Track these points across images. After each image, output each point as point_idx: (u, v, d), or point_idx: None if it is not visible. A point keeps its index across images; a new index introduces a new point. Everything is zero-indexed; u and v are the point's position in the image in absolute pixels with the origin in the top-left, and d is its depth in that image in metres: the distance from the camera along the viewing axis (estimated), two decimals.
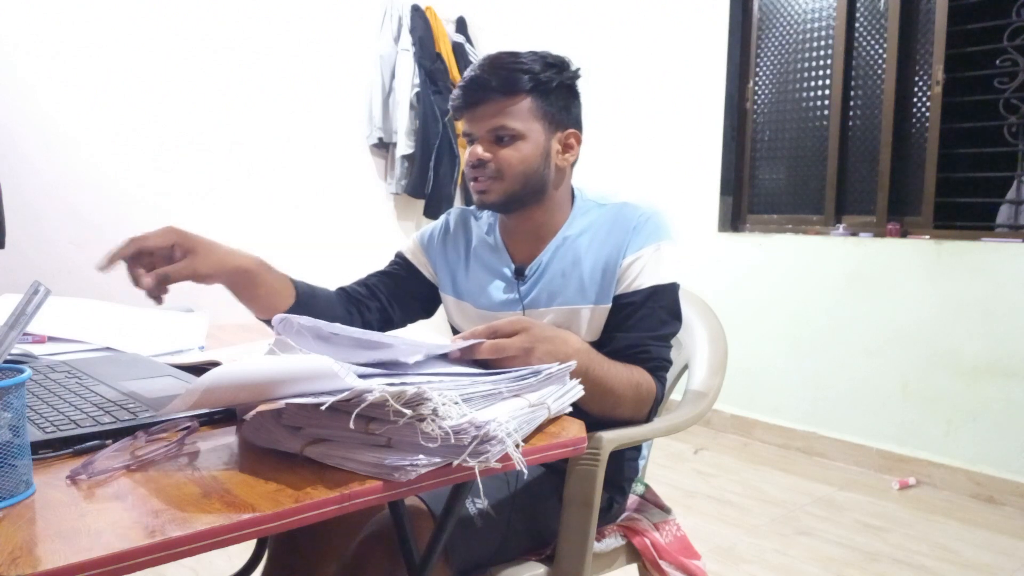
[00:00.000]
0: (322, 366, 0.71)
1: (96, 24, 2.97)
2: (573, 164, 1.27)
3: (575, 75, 1.24)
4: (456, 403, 0.72)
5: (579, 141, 1.27)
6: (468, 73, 1.21)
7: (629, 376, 1.13)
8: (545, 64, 1.20)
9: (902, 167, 2.99)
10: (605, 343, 1.19)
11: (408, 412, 0.69)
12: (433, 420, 0.69)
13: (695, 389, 1.36)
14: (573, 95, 1.25)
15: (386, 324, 1.32)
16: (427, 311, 1.38)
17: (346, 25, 3.67)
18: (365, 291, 1.31)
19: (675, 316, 1.22)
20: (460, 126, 3.90)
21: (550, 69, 1.20)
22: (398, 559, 0.96)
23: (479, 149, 1.20)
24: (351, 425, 0.69)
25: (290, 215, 3.53)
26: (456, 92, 1.22)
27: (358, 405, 0.70)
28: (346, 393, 0.70)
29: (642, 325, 1.18)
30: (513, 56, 1.20)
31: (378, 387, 0.70)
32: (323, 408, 0.70)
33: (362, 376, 0.74)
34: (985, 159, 2.86)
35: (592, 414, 1.08)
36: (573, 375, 0.96)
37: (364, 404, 0.70)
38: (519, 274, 1.26)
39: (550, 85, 1.20)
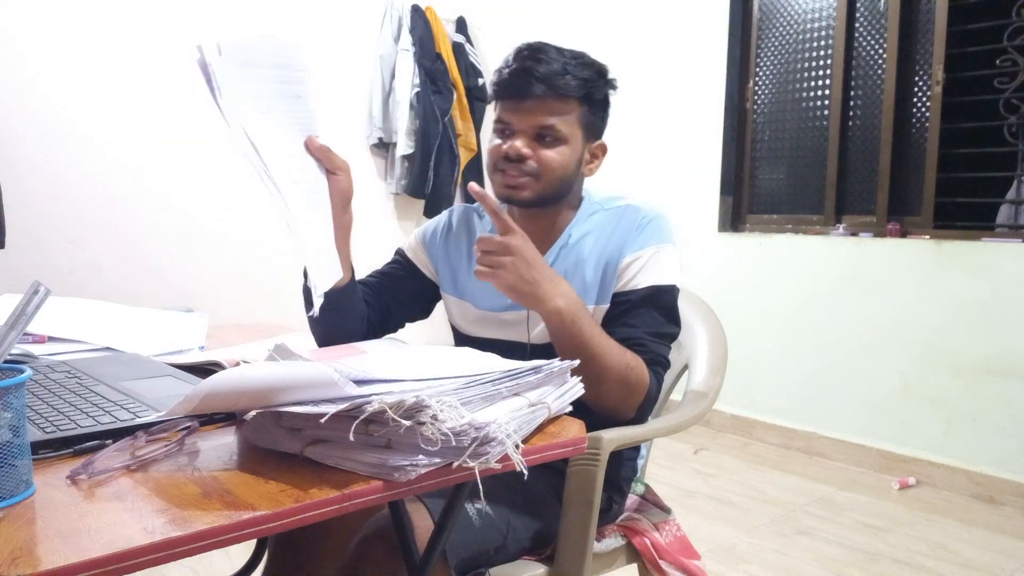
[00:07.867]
0: (321, 374, 0.72)
1: (96, 23, 2.97)
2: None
3: (615, 87, 1.23)
4: (454, 407, 0.72)
5: (604, 153, 1.27)
6: (518, 61, 1.16)
7: (621, 354, 1.12)
8: (596, 73, 1.19)
9: (902, 167, 2.98)
10: None
11: (407, 422, 0.69)
12: (432, 424, 0.69)
13: (695, 389, 1.36)
14: (608, 107, 1.25)
15: (384, 324, 1.31)
16: (426, 311, 1.38)
17: (346, 25, 3.67)
18: (365, 291, 1.31)
19: (672, 319, 1.21)
20: (454, 121, 3.93)
21: (600, 79, 1.19)
22: (398, 559, 0.96)
23: (519, 144, 1.17)
24: (351, 437, 0.70)
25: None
26: (504, 78, 1.17)
27: (358, 416, 0.70)
28: (346, 404, 0.71)
29: (638, 322, 1.18)
30: (561, 53, 1.17)
31: (376, 399, 0.70)
32: (322, 421, 0.70)
33: (360, 382, 0.74)
34: (985, 159, 2.85)
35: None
36: (559, 325, 0.99)
37: (364, 415, 0.70)
38: None
39: (597, 96, 1.20)
